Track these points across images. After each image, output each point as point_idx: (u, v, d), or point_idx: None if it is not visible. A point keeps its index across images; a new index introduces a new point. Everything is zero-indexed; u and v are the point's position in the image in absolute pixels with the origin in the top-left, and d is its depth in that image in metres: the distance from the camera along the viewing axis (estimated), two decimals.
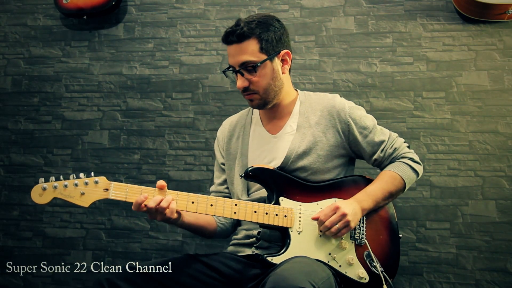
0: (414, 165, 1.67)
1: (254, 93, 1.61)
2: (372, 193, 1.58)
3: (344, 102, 1.68)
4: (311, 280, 1.24)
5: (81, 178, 1.44)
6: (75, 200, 1.42)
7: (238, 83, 1.60)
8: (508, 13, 2.24)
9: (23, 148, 2.66)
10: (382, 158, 1.68)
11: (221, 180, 1.80)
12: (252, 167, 1.57)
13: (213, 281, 1.53)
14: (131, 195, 1.45)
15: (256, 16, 1.61)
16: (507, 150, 2.23)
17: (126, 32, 2.71)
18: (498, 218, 2.18)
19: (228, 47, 1.60)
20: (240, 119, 1.82)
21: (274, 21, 1.63)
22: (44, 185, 1.42)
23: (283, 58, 1.64)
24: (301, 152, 1.62)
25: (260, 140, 1.71)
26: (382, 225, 1.61)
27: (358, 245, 1.54)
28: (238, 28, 1.56)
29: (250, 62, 1.57)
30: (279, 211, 1.52)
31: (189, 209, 1.47)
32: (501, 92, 2.29)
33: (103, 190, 1.45)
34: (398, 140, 1.71)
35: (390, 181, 1.62)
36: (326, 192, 1.59)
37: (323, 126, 1.65)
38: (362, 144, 1.66)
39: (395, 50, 2.42)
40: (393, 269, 1.58)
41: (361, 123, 1.66)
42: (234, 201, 1.51)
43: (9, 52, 2.80)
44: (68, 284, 2.46)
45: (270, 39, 1.58)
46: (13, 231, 2.57)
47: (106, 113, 2.63)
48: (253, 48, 1.56)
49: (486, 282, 2.13)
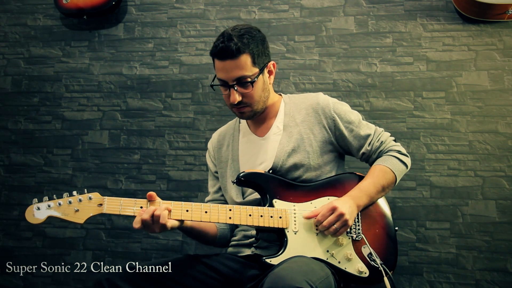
0: (402, 158, 1.68)
1: (246, 106, 1.63)
2: (366, 189, 1.59)
3: (327, 99, 1.71)
4: (309, 280, 1.24)
5: (74, 196, 1.45)
6: (70, 217, 1.44)
7: (232, 98, 1.60)
8: (508, 13, 2.24)
9: (23, 148, 2.66)
10: (370, 152, 1.69)
11: (216, 188, 1.82)
12: (243, 172, 1.59)
13: (212, 281, 1.53)
14: (125, 208, 1.46)
15: (243, 29, 1.60)
16: (507, 150, 2.23)
17: (126, 32, 2.71)
18: (498, 218, 2.18)
19: (220, 62, 1.58)
20: (228, 129, 1.85)
21: (258, 33, 1.65)
22: (37, 205, 1.43)
23: (269, 69, 1.68)
24: (290, 150, 1.64)
25: (249, 144, 1.74)
26: (377, 219, 1.62)
27: (355, 240, 1.55)
28: (232, 43, 1.55)
29: (245, 77, 1.58)
30: (273, 213, 1.53)
31: (184, 218, 1.48)
32: (501, 92, 2.29)
33: (97, 205, 1.46)
34: (384, 134, 1.73)
35: (381, 175, 1.63)
36: (319, 191, 1.61)
37: (309, 123, 1.68)
38: (349, 138, 1.68)
39: (395, 50, 2.42)
40: (392, 262, 1.58)
41: (346, 117, 1.68)
42: (228, 206, 1.52)
43: (9, 52, 2.80)
44: (68, 284, 2.46)
45: (259, 52, 1.61)
46: (13, 231, 2.57)
47: (106, 113, 2.63)
48: (247, 63, 1.57)
49: (486, 282, 2.13)
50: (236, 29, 1.61)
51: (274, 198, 1.57)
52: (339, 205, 1.49)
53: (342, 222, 1.48)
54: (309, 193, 1.60)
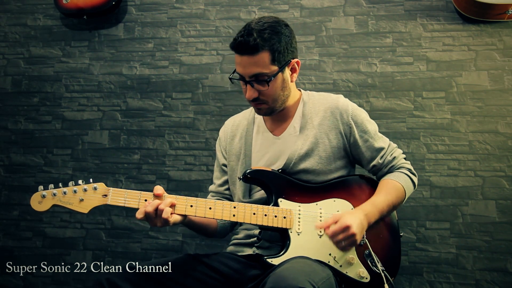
0: (413, 177, 1.68)
1: (263, 103, 1.59)
2: (380, 207, 1.55)
3: (347, 104, 1.67)
4: (311, 280, 1.23)
5: (80, 185, 1.46)
6: (74, 206, 1.44)
7: (248, 93, 1.56)
8: (508, 13, 2.24)
9: (23, 148, 2.66)
10: (381, 165, 1.68)
11: (222, 181, 1.79)
12: (250, 170, 1.58)
13: (213, 281, 1.53)
14: (129, 200, 1.45)
15: (267, 23, 1.53)
16: (507, 150, 2.23)
17: (126, 32, 2.71)
18: (498, 218, 2.18)
19: (238, 56, 1.54)
20: (243, 119, 1.80)
21: (284, 28, 1.56)
22: (43, 192, 1.43)
23: (292, 67, 1.61)
24: (303, 153, 1.61)
25: (263, 141, 1.71)
26: (382, 224, 1.61)
27: (358, 245, 1.53)
28: (251, 39, 1.48)
29: (262, 75, 1.53)
30: (278, 212, 1.52)
31: (188, 213, 1.47)
32: (501, 92, 2.29)
33: (102, 196, 1.46)
34: (397, 150, 1.72)
35: (394, 193, 1.60)
36: (325, 193, 1.59)
37: (325, 127, 1.65)
38: (362, 148, 1.66)
39: (395, 50, 2.42)
40: (394, 268, 1.58)
41: (363, 126, 1.65)
42: (232, 204, 1.51)
43: (9, 52, 2.80)
44: (68, 284, 2.46)
45: (282, 49, 1.53)
46: (13, 231, 2.57)
47: (106, 113, 2.63)
48: (266, 60, 1.51)
49: (486, 282, 2.13)
50: (260, 22, 1.54)
51: (279, 197, 1.55)
52: (351, 223, 1.42)
53: (351, 241, 1.43)
54: (315, 194, 1.59)
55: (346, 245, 1.44)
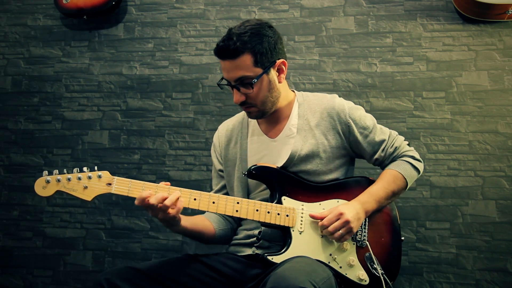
0: (415, 163, 1.67)
1: (252, 106, 1.59)
2: (375, 194, 1.57)
3: (343, 103, 1.66)
4: (312, 280, 1.23)
5: (84, 172, 1.45)
6: (78, 193, 1.43)
7: (235, 98, 1.57)
8: (508, 13, 2.24)
9: (23, 148, 2.66)
10: (383, 158, 1.68)
11: (219, 186, 1.79)
12: (255, 166, 1.57)
13: (213, 281, 1.53)
14: (133, 190, 1.44)
15: (249, 26, 1.54)
16: (507, 150, 2.23)
17: (126, 32, 2.71)
18: (498, 218, 2.18)
19: (221, 61, 1.55)
20: (236, 123, 1.79)
21: (267, 29, 1.56)
22: (47, 177, 1.42)
23: (278, 68, 1.60)
24: (304, 155, 1.61)
25: (259, 145, 1.70)
26: (384, 227, 1.61)
27: (359, 247, 1.54)
28: (231, 43, 1.49)
29: (245, 78, 1.53)
30: (281, 210, 1.52)
31: (191, 206, 1.47)
32: (501, 92, 2.29)
33: (106, 184, 1.45)
34: (398, 138, 1.71)
35: (392, 180, 1.61)
36: (329, 193, 1.59)
37: (323, 128, 1.64)
38: (363, 144, 1.66)
39: (395, 50, 2.42)
40: (394, 272, 1.58)
41: (361, 123, 1.65)
42: (236, 199, 1.51)
43: (9, 52, 2.80)
44: (68, 284, 2.46)
45: (264, 51, 1.53)
46: (13, 231, 2.57)
47: (106, 113, 2.63)
48: (248, 63, 1.51)
49: (486, 282, 2.13)
50: (242, 26, 1.55)
51: (283, 195, 1.55)
52: (346, 211, 1.46)
53: (347, 229, 1.46)
54: (319, 193, 1.59)
55: (343, 233, 1.46)
